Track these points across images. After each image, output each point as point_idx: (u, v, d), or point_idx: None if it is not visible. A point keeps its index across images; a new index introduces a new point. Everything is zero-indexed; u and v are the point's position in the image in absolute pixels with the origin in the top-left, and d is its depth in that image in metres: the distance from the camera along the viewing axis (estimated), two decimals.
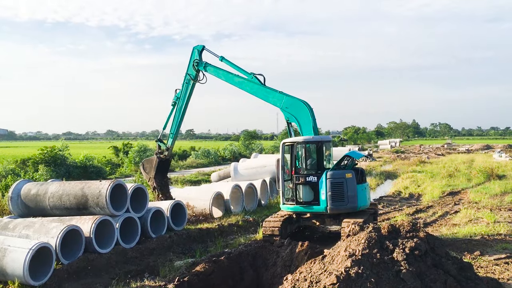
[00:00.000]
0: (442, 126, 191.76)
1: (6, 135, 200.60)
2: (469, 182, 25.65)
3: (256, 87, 14.30)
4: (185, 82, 15.32)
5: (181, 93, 15.51)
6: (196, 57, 15.24)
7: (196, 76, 15.33)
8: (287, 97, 13.57)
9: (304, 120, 13.20)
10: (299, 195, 12.59)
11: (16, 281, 9.48)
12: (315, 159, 12.84)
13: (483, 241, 12.08)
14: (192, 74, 15.24)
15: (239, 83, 14.61)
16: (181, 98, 15.54)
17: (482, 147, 73.85)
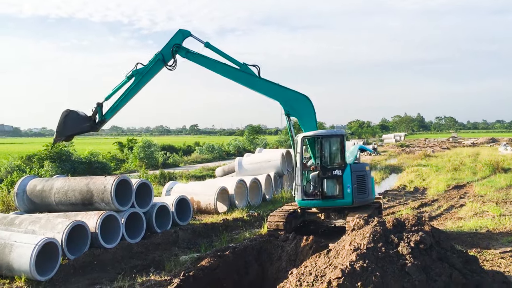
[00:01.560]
0: (447, 119, 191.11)
1: (12, 132, 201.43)
2: (474, 175, 25.56)
3: (249, 78, 13.19)
4: (154, 61, 13.07)
5: (144, 70, 13.05)
6: (178, 42, 13.29)
7: (168, 60, 13.29)
8: (287, 90, 13.15)
9: (307, 114, 13.06)
10: (324, 189, 12.54)
11: (23, 276, 9.55)
12: (339, 153, 12.87)
13: (489, 235, 12.05)
14: (166, 56, 13.18)
15: (227, 72, 13.30)
16: (142, 75, 13.04)
17: (487, 141, 73.55)
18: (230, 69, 13.25)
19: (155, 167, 35.15)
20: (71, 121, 12.86)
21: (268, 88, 13.17)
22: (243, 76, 13.21)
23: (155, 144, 39.39)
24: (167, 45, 13.22)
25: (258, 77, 13.20)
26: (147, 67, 13.05)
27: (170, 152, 42.89)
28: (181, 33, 13.38)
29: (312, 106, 13.11)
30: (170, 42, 13.19)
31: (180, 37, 13.36)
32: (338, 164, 12.68)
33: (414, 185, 23.39)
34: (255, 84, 13.24)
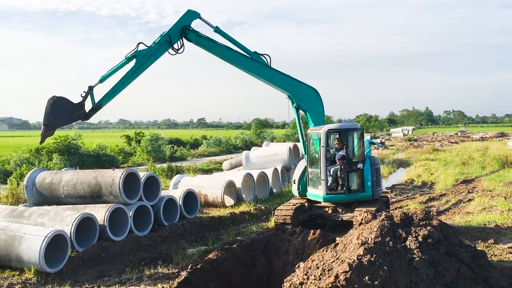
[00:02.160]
0: (456, 113, 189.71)
1: (20, 125, 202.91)
2: (483, 170, 25.39)
3: (260, 68, 12.42)
4: (159, 43, 11.67)
5: (148, 52, 11.56)
6: (188, 24, 12.05)
7: (175, 43, 11.99)
8: (298, 82, 12.81)
9: (316, 108, 12.94)
10: (350, 183, 12.47)
11: (32, 268, 9.65)
12: (361, 146, 12.94)
13: (497, 229, 11.98)
14: (173, 38, 11.85)
15: (238, 60, 12.41)
16: (146, 57, 11.54)
17: (496, 135, 72.95)
18: (241, 57, 12.40)
19: (163, 160, 35.27)
20: (60, 110, 10.69)
21: (279, 79, 12.64)
22: (254, 65, 12.44)
23: (162, 137, 39.49)
24: (175, 26, 11.93)
25: (269, 67, 12.58)
26: (151, 49, 11.60)
27: (177, 146, 42.99)
28: (190, 14, 12.16)
29: (321, 100, 13.02)
30: (178, 23, 11.94)
31: (189, 18, 12.15)
32: (360, 157, 12.74)
33: (422, 180, 23.28)
34: (266, 74, 12.58)
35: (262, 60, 12.44)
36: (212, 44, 12.24)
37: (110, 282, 9.26)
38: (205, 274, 8.91)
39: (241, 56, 12.33)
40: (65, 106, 10.87)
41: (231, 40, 12.35)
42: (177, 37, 11.90)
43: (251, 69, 12.46)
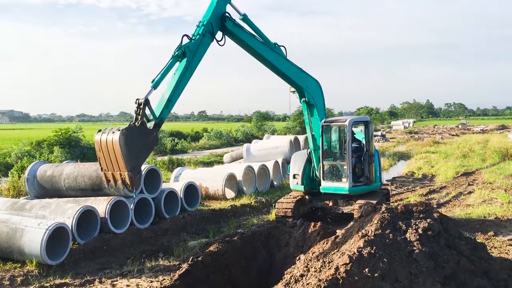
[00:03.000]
0: (457, 106, 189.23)
1: (21, 117, 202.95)
2: (483, 162, 25.40)
3: (280, 60, 11.51)
4: (201, 33, 9.50)
5: (194, 45, 9.33)
6: (223, 8, 10.10)
7: (216, 33, 9.92)
8: (308, 75, 12.25)
9: (321, 101, 12.67)
10: (370, 174, 12.53)
11: (34, 260, 9.70)
12: (372, 138, 13.08)
13: (497, 222, 12.01)
14: (215, 27, 9.81)
15: (266, 54, 11.18)
16: (193, 52, 9.29)
17: (497, 127, 72.84)
18: (269, 51, 11.26)
19: (164, 153, 35.28)
20: (135, 146, 7.98)
21: (295, 71, 11.87)
22: (278, 58, 11.46)
23: (163, 130, 39.50)
24: (214, 12, 9.84)
25: (288, 60, 11.72)
26: (197, 41, 9.40)
27: (178, 138, 42.99)
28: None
29: (323, 92, 12.88)
30: (216, 9, 9.90)
31: (224, 3, 10.16)
32: (372, 149, 12.82)
33: (422, 172, 23.30)
34: (285, 67, 11.67)
35: (282, 52, 11.70)
36: (248, 36, 10.75)
37: (112, 274, 9.31)
38: (206, 266, 8.95)
39: (270, 50, 11.28)
40: (137, 138, 8.12)
41: (256, 30, 11.11)
42: (218, 26, 10.00)
43: (275, 62, 11.45)
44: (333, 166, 12.59)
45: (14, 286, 8.82)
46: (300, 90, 12.23)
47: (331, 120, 12.93)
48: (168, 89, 8.89)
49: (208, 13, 9.79)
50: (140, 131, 8.06)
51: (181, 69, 9.01)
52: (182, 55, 9.07)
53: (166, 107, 8.77)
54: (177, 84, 8.94)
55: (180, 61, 9.05)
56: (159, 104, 8.72)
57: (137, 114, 8.11)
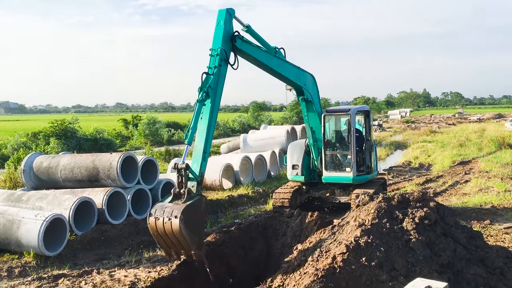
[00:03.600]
0: (453, 95, 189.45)
1: (17, 109, 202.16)
2: (480, 151, 25.49)
3: (281, 64, 10.98)
4: (218, 64, 8.51)
5: (215, 82, 8.42)
6: (231, 27, 9.08)
7: (229, 57, 8.89)
8: (305, 72, 11.86)
9: (316, 95, 12.45)
10: (371, 163, 12.69)
11: (32, 251, 9.70)
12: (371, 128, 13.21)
13: (493, 210, 12.07)
14: (228, 51, 8.83)
15: (272, 64, 10.56)
16: (215, 89, 8.42)
17: (493, 116, 73.05)
18: (275, 60, 10.67)
19: (160, 144, 35.26)
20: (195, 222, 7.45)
21: (294, 72, 11.46)
22: (280, 64, 10.89)
23: (160, 121, 39.41)
24: (224, 36, 8.78)
25: (288, 62, 11.26)
26: (216, 76, 8.47)
27: (175, 129, 42.92)
28: (229, 14, 9.05)
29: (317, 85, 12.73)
30: (225, 30, 8.84)
31: (228, 19, 9.00)
32: (372, 138, 12.96)
33: (419, 161, 23.37)
34: (286, 71, 11.15)
35: (283, 56, 11.19)
36: (255, 50, 9.96)
37: (109, 265, 9.32)
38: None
39: (273, 58, 10.68)
40: (193, 214, 7.49)
41: (260, 39, 10.56)
42: (230, 49, 8.96)
43: (277, 69, 10.85)
44: (336, 156, 12.61)
45: (12, 277, 8.83)
46: (298, 89, 11.93)
47: (333, 110, 12.91)
48: (200, 139, 8.19)
49: (218, 38, 8.72)
50: (192, 206, 7.39)
51: (207, 112, 8.24)
52: (205, 96, 8.22)
53: (203, 159, 8.09)
54: (208, 130, 8.22)
55: (205, 104, 8.24)
56: (195, 159, 8.07)
57: (181, 181, 7.61)
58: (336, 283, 5.42)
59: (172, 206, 7.17)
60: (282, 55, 11.14)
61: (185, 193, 7.36)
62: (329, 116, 12.67)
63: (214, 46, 8.60)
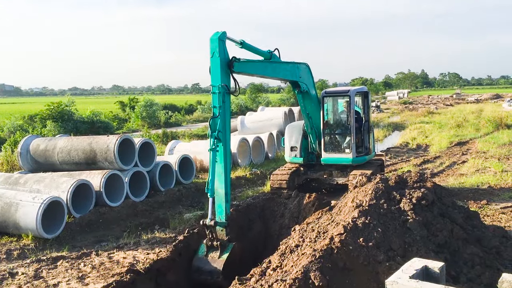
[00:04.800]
0: (451, 75, 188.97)
1: (12, 91, 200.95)
2: (477, 132, 25.51)
3: (280, 68, 10.82)
4: (222, 99, 8.19)
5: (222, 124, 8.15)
6: (227, 55, 8.45)
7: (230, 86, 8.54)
8: (295, 64, 11.47)
9: (311, 83, 12.19)
10: (369, 144, 12.73)
11: (30, 234, 9.73)
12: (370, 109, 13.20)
13: (490, 190, 12.13)
14: (229, 82, 8.49)
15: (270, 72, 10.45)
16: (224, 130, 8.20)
17: (491, 97, 72.97)
18: (268, 67, 10.43)
19: (158, 126, 35.16)
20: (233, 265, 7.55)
21: (290, 70, 11.22)
22: (275, 69, 10.63)
23: (157, 103, 39.22)
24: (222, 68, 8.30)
25: (283, 63, 10.98)
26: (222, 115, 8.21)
27: (172, 111, 42.80)
28: (221, 41, 8.45)
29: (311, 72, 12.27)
30: (223, 63, 8.33)
31: (222, 46, 8.46)
32: (371, 120, 12.99)
33: (416, 142, 23.39)
34: (282, 73, 11.02)
35: (278, 58, 10.84)
36: (252, 67, 9.66)
37: (108, 247, 9.36)
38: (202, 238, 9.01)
39: (269, 66, 10.51)
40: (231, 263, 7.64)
41: (255, 50, 10.31)
42: (229, 77, 8.57)
43: (274, 74, 10.76)
44: (335, 138, 12.57)
45: (11, 259, 8.86)
46: (294, 83, 11.71)
47: (332, 92, 12.84)
48: (219, 183, 8.01)
49: (217, 73, 8.27)
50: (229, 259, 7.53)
51: (221, 155, 8.06)
52: (217, 142, 8.05)
53: (227, 202, 8.01)
54: (225, 172, 8.06)
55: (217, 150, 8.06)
56: (219, 205, 7.95)
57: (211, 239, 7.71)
58: (334, 263, 5.45)
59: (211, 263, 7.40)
60: (277, 57, 10.78)
61: (219, 246, 7.56)
62: (328, 97, 12.60)
63: (214, 82, 8.25)
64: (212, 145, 7.99)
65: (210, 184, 7.87)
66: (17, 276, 7.90)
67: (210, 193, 7.88)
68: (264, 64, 10.31)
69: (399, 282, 3.99)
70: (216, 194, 7.96)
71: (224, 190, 7.91)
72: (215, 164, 8.03)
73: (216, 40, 8.22)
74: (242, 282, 6.04)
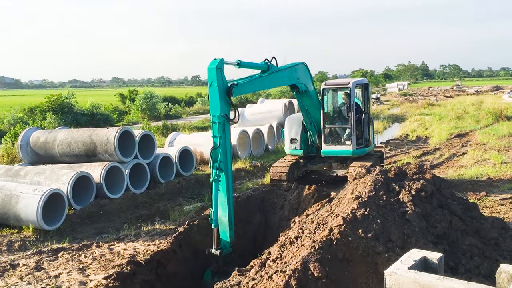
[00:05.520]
0: (452, 67, 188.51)
1: (13, 84, 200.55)
2: (477, 124, 25.51)
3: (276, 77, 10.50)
4: (221, 129, 8.13)
5: (224, 153, 8.05)
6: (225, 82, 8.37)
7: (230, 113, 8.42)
8: (296, 68, 11.24)
9: (309, 81, 12.07)
10: (369, 136, 12.70)
11: (31, 226, 9.77)
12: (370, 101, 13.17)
13: (489, 182, 12.15)
14: (228, 111, 8.34)
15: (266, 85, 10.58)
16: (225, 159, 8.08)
17: (491, 88, 72.77)
18: (266, 81, 10.27)
19: (158, 118, 35.15)
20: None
21: (288, 75, 11.06)
22: (273, 80, 10.48)
23: (157, 95, 39.17)
24: (221, 99, 8.21)
25: (281, 70, 10.73)
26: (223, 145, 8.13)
27: (172, 104, 42.72)
28: (219, 70, 8.29)
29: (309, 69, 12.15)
30: (220, 89, 8.22)
31: (220, 75, 8.34)
32: (371, 112, 12.95)
33: (416, 134, 23.38)
34: (280, 81, 10.97)
35: (275, 67, 10.51)
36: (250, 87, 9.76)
37: (109, 239, 9.40)
38: (202, 230, 9.05)
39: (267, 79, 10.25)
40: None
41: (253, 66, 10.10)
42: (228, 104, 8.44)
43: (273, 85, 10.81)
44: (335, 129, 12.59)
45: (12, 251, 8.91)
46: (293, 85, 11.55)
47: (333, 83, 12.82)
48: (223, 212, 8.01)
49: (216, 103, 8.20)
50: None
51: (224, 184, 7.98)
52: (219, 172, 7.98)
53: (231, 229, 8.07)
54: (228, 200, 8.05)
55: (220, 180, 8.01)
56: (223, 233, 8.00)
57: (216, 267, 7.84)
58: (333, 254, 5.47)
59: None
60: (274, 67, 10.35)
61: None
62: (328, 89, 12.59)
63: (213, 112, 8.21)
64: (214, 176, 7.91)
65: (213, 215, 7.87)
66: (18, 268, 7.94)
67: (214, 224, 7.89)
68: (261, 79, 10.01)
69: (398, 273, 4.01)
70: (220, 222, 7.95)
71: (227, 218, 7.92)
72: (218, 193, 7.97)
73: (214, 69, 8.11)
74: (242, 273, 6.08)
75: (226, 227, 7.95)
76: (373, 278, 5.37)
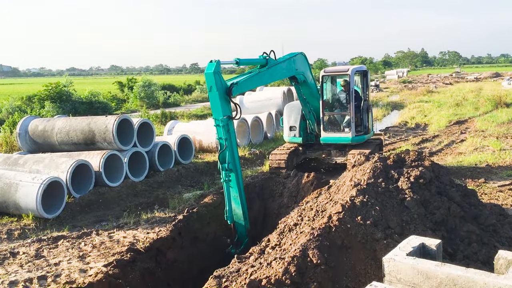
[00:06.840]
0: (451, 54, 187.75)
1: (10, 72, 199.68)
2: (476, 110, 25.49)
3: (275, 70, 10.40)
4: (226, 131, 8.18)
5: (231, 155, 8.18)
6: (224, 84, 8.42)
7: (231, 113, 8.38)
8: (294, 59, 11.07)
9: (308, 71, 11.93)
10: (368, 123, 12.69)
11: (30, 214, 9.79)
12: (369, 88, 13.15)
13: (488, 169, 12.17)
14: (229, 112, 8.31)
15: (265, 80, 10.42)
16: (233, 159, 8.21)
17: (491, 75, 72.55)
18: (264, 76, 10.18)
19: (156, 106, 35.05)
20: None
21: (286, 68, 10.92)
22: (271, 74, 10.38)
23: (155, 83, 39.00)
24: (221, 99, 8.24)
25: (280, 63, 10.58)
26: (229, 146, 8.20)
27: (170, 92, 42.56)
28: (217, 75, 8.24)
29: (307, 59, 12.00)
30: (220, 92, 8.26)
31: (218, 78, 8.31)
32: (370, 99, 12.95)
33: (415, 121, 23.37)
34: (279, 74, 10.86)
35: (274, 61, 10.41)
36: (248, 84, 9.73)
37: (108, 227, 9.43)
38: (201, 218, 9.09)
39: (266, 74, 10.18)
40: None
41: (251, 62, 10.29)
42: (229, 104, 8.44)
43: (271, 79, 10.66)
44: (334, 117, 12.56)
45: (12, 239, 8.94)
46: (291, 77, 11.44)
47: (332, 70, 12.77)
48: (236, 206, 8.34)
49: (217, 108, 8.21)
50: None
51: (234, 182, 8.21)
52: (230, 171, 8.18)
53: (245, 219, 8.47)
54: (240, 194, 8.28)
55: (230, 180, 8.22)
56: (238, 223, 8.45)
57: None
58: (332, 241, 5.50)
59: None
60: (273, 60, 10.29)
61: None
62: (327, 76, 12.55)
63: (216, 116, 8.24)
64: (225, 177, 8.19)
65: (228, 212, 8.34)
66: (18, 256, 7.98)
67: (230, 220, 8.39)
68: (259, 75, 9.94)
69: (396, 259, 4.03)
70: (235, 214, 8.41)
71: (241, 210, 8.35)
72: (230, 190, 8.27)
73: (211, 74, 8.06)
74: (241, 260, 6.11)
75: (241, 218, 8.42)
76: (371, 264, 5.40)
